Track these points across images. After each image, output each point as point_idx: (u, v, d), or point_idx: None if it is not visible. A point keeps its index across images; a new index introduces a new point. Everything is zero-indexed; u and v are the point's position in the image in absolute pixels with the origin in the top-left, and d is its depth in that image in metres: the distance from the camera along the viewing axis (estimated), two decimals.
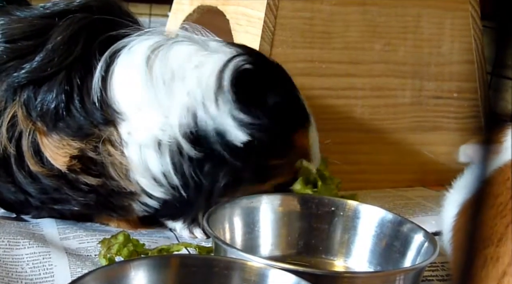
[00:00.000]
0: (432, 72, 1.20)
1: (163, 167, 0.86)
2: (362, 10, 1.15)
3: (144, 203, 0.89)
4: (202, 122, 0.85)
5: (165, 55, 0.87)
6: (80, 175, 0.87)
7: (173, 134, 0.85)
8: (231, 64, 0.87)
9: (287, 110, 0.90)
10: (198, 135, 0.85)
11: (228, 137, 0.85)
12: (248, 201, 0.87)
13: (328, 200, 0.89)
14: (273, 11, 1.09)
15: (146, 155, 0.86)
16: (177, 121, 0.85)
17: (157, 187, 0.87)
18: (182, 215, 0.92)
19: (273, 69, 0.94)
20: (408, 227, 0.83)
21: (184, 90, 0.86)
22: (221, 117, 0.85)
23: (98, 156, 0.86)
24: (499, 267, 0.62)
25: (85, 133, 0.86)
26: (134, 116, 0.86)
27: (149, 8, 2.06)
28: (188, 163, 0.85)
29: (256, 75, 0.89)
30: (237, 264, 0.70)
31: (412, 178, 1.20)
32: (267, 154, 0.89)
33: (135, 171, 0.86)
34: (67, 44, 0.88)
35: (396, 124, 1.19)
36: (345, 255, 0.87)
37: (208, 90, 0.85)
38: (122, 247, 0.81)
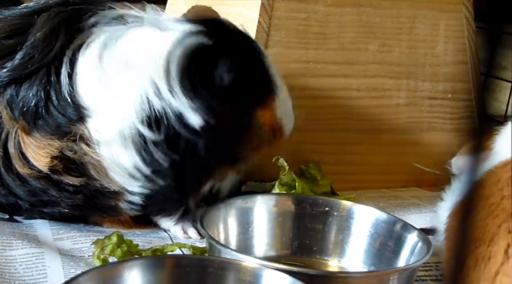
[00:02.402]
0: (427, 73, 1.20)
1: (132, 160, 0.84)
2: (357, 11, 1.15)
3: (129, 201, 0.88)
4: (156, 105, 0.83)
5: (115, 45, 0.86)
6: (63, 175, 0.86)
7: (131, 122, 0.83)
8: (180, 45, 0.84)
9: (242, 87, 0.86)
10: (156, 118, 0.83)
11: (186, 120, 0.83)
12: (242, 201, 0.87)
13: (322, 200, 0.89)
14: (268, 12, 1.09)
15: (115, 151, 0.84)
16: (133, 108, 0.83)
17: (134, 182, 0.86)
18: (169, 208, 0.91)
19: (232, 42, 0.89)
20: (402, 227, 0.83)
21: (135, 76, 0.84)
22: (175, 101, 0.83)
23: (76, 156, 0.85)
24: (492, 266, 0.62)
25: (63, 131, 0.85)
26: (97, 111, 0.85)
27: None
28: (153, 148, 0.84)
29: (208, 53, 0.85)
30: (232, 265, 0.70)
31: (406, 179, 1.21)
32: (228, 134, 0.86)
33: (109, 170, 0.85)
34: (47, 40, 0.87)
35: (391, 125, 1.19)
36: (339, 255, 0.87)
37: (158, 72, 0.83)
38: (116, 247, 0.81)
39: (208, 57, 0.85)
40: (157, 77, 0.83)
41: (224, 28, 0.90)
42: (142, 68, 0.84)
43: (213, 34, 0.86)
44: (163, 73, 0.83)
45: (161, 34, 0.86)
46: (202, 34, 0.86)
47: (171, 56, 0.84)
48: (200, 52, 0.85)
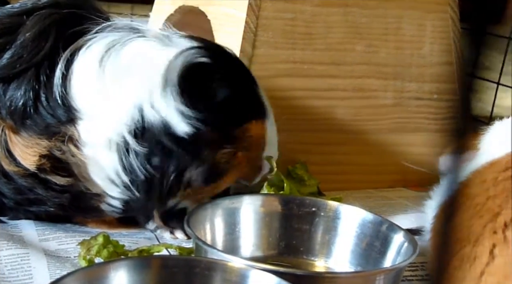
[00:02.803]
0: (413, 74, 1.21)
1: (114, 166, 0.84)
2: (344, 11, 1.16)
3: (109, 204, 0.88)
4: (148, 117, 0.83)
5: (118, 52, 0.86)
6: (50, 175, 0.86)
7: (120, 131, 0.83)
8: (181, 56, 0.85)
9: (236, 103, 0.88)
10: (144, 130, 0.83)
11: (173, 129, 0.83)
12: (229, 201, 0.87)
13: (309, 200, 0.89)
14: (255, 12, 1.09)
15: (99, 155, 0.85)
16: (124, 118, 0.83)
17: (114, 187, 0.86)
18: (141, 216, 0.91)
19: (229, 63, 0.91)
20: (388, 227, 0.84)
21: (132, 86, 0.85)
22: (166, 110, 0.83)
23: (64, 156, 0.85)
24: (477, 266, 0.63)
25: (52, 132, 0.85)
26: (89, 115, 0.85)
27: (131, 9, 2.05)
28: (135, 158, 0.84)
29: (207, 68, 0.86)
30: (218, 265, 0.70)
31: (393, 179, 1.21)
32: (215, 147, 0.86)
33: (92, 172, 0.86)
34: (37, 40, 0.87)
35: (377, 125, 1.20)
36: (326, 255, 0.87)
37: (155, 83, 0.84)
38: (102, 248, 0.81)
39: (205, 74, 0.86)
40: (154, 89, 0.84)
41: (220, 50, 0.92)
42: (142, 79, 0.85)
43: (210, 53, 0.88)
44: (161, 84, 0.84)
45: (164, 48, 0.87)
46: (201, 50, 0.87)
47: (170, 69, 0.85)
48: (199, 68, 0.86)
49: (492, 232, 0.63)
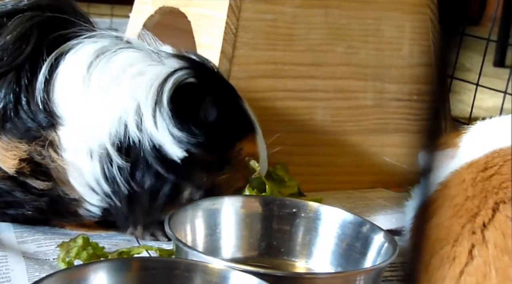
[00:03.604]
0: (393, 75, 1.22)
1: (95, 174, 0.85)
2: (325, 12, 1.16)
3: (88, 209, 0.88)
4: (133, 133, 0.83)
5: (107, 61, 0.86)
6: (29, 178, 0.85)
7: (102, 142, 0.83)
8: (172, 78, 0.86)
9: (228, 124, 0.89)
10: (128, 145, 0.83)
11: (165, 152, 0.84)
12: (210, 203, 0.87)
13: (289, 201, 0.89)
14: (235, 13, 1.09)
15: (80, 162, 0.85)
16: (108, 129, 0.84)
17: (93, 195, 0.86)
18: (122, 225, 0.91)
19: (216, 82, 0.92)
20: (368, 228, 0.84)
21: (118, 99, 0.85)
22: (158, 133, 0.83)
23: (44, 161, 0.85)
24: (456, 266, 0.63)
25: (32, 136, 0.84)
26: (71, 121, 0.85)
27: (111, 9, 2.04)
28: (118, 171, 0.84)
29: (196, 89, 0.87)
30: (198, 266, 0.69)
31: (373, 180, 1.22)
32: (207, 169, 0.88)
33: (71, 178, 0.86)
34: (17, 43, 0.86)
35: (358, 126, 1.20)
36: (307, 256, 0.87)
37: (144, 102, 0.84)
38: (81, 250, 0.80)
39: (195, 95, 0.87)
40: (144, 106, 0.84)
41: (205, 68, 0.92)
42: (129, 94, 0.85)
43: (199, 73, 0.88)
44: (152, 102, 0.84)
45: (153, 64, 0.87)
46: (190, 71, 0.87)
47: (164, 87, 0.85)
48: (189, 88, 0.86)
49: (471, 233, 0.63)
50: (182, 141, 0.84)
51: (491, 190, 0.65)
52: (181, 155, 0.84)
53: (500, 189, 0.65)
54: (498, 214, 0.63)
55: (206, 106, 0.87)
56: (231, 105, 0.92)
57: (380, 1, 1.20)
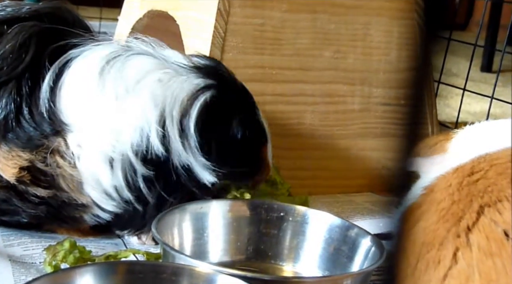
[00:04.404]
0: (380, 79, 1.22)
1: (115, 182, 0.84)
2: (313, 17, 1.16)
3: (96, 215, 0.88)
4: (155, 147, 0.83)
5: (121, 67, 0.85)
6: (30, 186, 0.85)
7: (124, 151, 0.83)
8: (199, 98, 0.85)
9: (249, 140, 0.90)
10: (151, 156, 0.84)
11: (196, 175, 0.86)
12: (197, 206, 0.87)
13: (277, 205, 0.89)
14: (224, 17, 1.09)
15: (97, 169, 0.84)
16: (129, 138, 0.83)
17: (109, 201, 0.86)
18: (132, 226, 0.91)
19: (239, 96, 0.92)
20: (355, 232, 0.84)
21: (138, 107, 0.84)
22: (186, 155, 0.84)
23: (48, 168, 0.84)
24: (441, 270, 0.63)
25: (35, 144, 0.84)
26: (85, 128, 0.84)
27: (99, 12, 2.04)
28: (141, 179, 0.84)
29: (219, 108, 0.87)
30: (185, 270, 0.69)
31: (360, 184, 1.22)
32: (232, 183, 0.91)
33: (86, 184, 0.85)
34: (17, 52, 0.86)
35: (345, 130, 1.21)
36: (294, 260, 0.87)
37: (169, 115, 0.84)
38: (68, 254, 0.80)
39: (220, 113, 0.87)
40: (169, 124, 0.84)
41: (230, 82, 0.92)
42: (148, 103, 0.84)
43: (224, 90, 0.88)
44: (178, 123, 0.84)
45: (172, 74, 0.86)
46: (217, 90, 0.87)
47: (191, 110, 0.85)
48: (217, 111, 0.87)
49: (456, 236, 0.64)
50: (211, 169, 0.86)
51: (477, 194, 0.66)
52: (212, 180, 0.86)
53: (486, 193, 0.65)
54: (483, 217, 0.63)
55: (233, 128, 0.88)
56: (253, 119, 0.92)
57: (368, 6, 1.20)
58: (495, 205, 0.64)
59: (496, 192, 0.65)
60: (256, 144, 0.93)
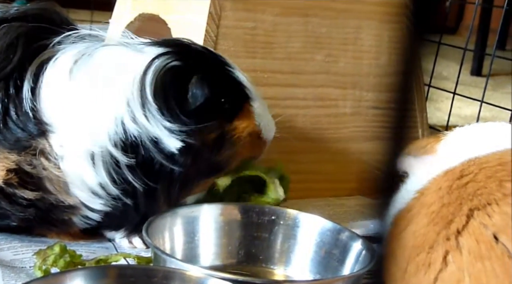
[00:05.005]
0: (371, 83, 1.23)
1: (99, 179, 0.84)
2: (304, 21, 1.17)
3: (85, 216, 0.88)
4: (131, 130, 0.83)
5: (87, 62, 0.85)
6: (18, 189, 0.85)
7: (103, 143, 0.83)
8: (152, 68, 0.84)
9: (218, 102, 0.87)
10: (130, 143, 0.83)
11: (162, 144, 0.83)
12: (188, 210, 0.87)
13: (268, 209, 0.89)
14: (215, 21, 1.09)
15: (80, 168, 0.84)
16: (105, 130, 0.83)
17: (96, 200, 0.85)
18: (126, 224, 0.90)
19: (201, 59, 0.90)
20: (347, 235, 0.84)
21: (109, 97, 0.84)
22: (151, 126, 0.83)
23: (34, 170, 0.84)
24: (431, 273, 0.64)
25: (22, 146, 0.84)
26: (64, 128, 0.84)
27: (90, 15, 2.04)
28: (124, 170, 0.84)
29: (179, 73, 0.85)
30: (176, 274, 0.69)
31: (352, 187, 1.22)
32: (208, 152, 0.87)
33: (71, 185, 0.85)
34: (5, 53, 0.86)
35: (337, 134, 1.21)
36: (285, 263, 0.87)
37: (132, 96, 0.83)
38: (58, 258, 0.80)
39: (179, 78, 0.85)
40: (132, 101, 0.83)
41: (189, 48, 0.90)
42: (116, 90, 0.84)
43: (180, 55, 0.87)
44: (138, 97, 0.83)
45: (133, 55, 0.86)
46: (171, 55, 0.86)
47: (145, 80, 0.84)
48: (172, 73, 0.85)
49: (446, 239, 0.64)
50: (176, 132, 0.83)
51: (466, 197, 0.66)
52: (178, 145, 0.83)
53: (475, 196, 0.65)
54: (472, 220, 0.64)
55: (193, 88, 0.85)
56: (221, 80, 0.89)
57: (359, 10, 1.21)
58: (484, 209, 0.64)
59: (485, 195, 0.65)
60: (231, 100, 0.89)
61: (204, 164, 0.87)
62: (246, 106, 0.91)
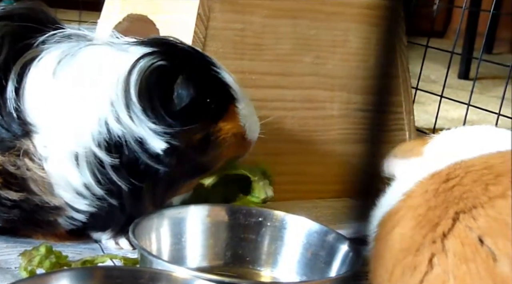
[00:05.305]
0: (359, 85, 1.23)
1: (83, 179, 0.84)
2: (293, 23, 1.17)
3: (70, 217, 0.87)
4: (115, 130, 0.82)
5: (70, 62, 0.85)
6: (1, 190, 0.84)
7: (87, 144, 0.83)
8: (136, 68, 0.84)
9: (201, 103, 0.87)
10: (114, 143, 0.83)
11: (147, 145, 0.83)
12: (175, 211, 0.87)
13: (255, 210, 0.89)
14: (204, 22, 1.09)
15: (64, 169, 0.84)
16: (89, 131, 0.83)
17: (81, 200, 0.85)
18: (112, 225, 0.90)
19: (187, 59, 0.89)
20: (333, 237, 0.85)
21: (93, 98, 0.84)
22: (136, 127, 0.82)
23: (18, 171, 0.84)
24: (417, 276, 0.64)
25: (6, 146, 0.83)
26: (47, 128, 0.84)
27: (78, 16, 2.03)
28: (109, 170, 0.83)
29: (164, 73, 0.85)
30: (163, 275, 0.69)
31: (339, 189, 1.22)
32: (192, 153, 0.87)
33: (56, 186, 0.84)
34: None
35: (325, 136, 1.21)
36: (272, 265, 0.87)
37: (116, 97, 0.83)
38: (44, 259, 0.79)
39: (164, 78, 0.85)
40: (116, 102, 0.83)
41: (175, 47, 0.90)
42: (100, 90, 0.84)
43: (166, 54, 0.86)
44: (122, 97, 0.83)
45: (117, 55, 0.86)
46: (156, 55, 0.86)
47: (130, 80, 0.83)
48: (157, 74, 0.85)
49: (431, 242, 0.64)
50: (160, 133, 0.83)
51: (452, 201, 0.66)
52: (163, 146, 0.83)
53: (461, 199, 0.66)
54: (458, 223, 0.64)
55: (178, 89, 0.85)
56: (207, 80, 0.89)
57: (347, 13, 1.21)
58: (470, 212, 0.64)
59: (471, 199, 0.65)
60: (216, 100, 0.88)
61: (189, 165, 0.87)
62: (232, 107, 0.91)
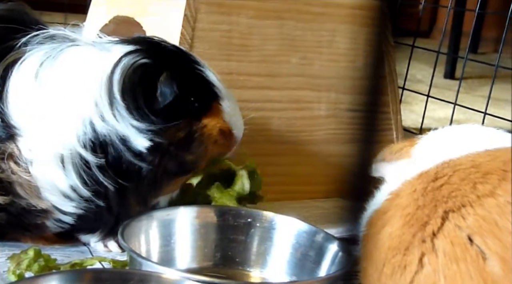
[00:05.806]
0: (346, 86, 1.23)
1: (70, 181, 0.83)
2: (279, 23, 1.17)
3: (58, 219, 0.87)
4: (100, 129, 0.82)
5: (53, 64, 0.85)
6: None
7: (72, 145, 0.82)
8: (119, 67, 0.84)
9: (185, 100, 0.87)
10: (99, 143, 0.83)
11: (130, 143, 0.83)
12: (164, 213, 0.87)
13: (244, 211, 0.89)
14: (191, 23, 1.09)
15: (50, 172, 0.83)
16: (74, 133, 0.82)
17: (68, 203, 0.85)
18: (101, 226, 0.90)
19: (169, 57, 0.89)
20: (323, 237, 0.85)
21: (76, 98, 0.83)
22: (119, 125, 0.82)
23: (3, 174, 0.83)
24: (407, 275, 0.64)
25: None
26: (32, 131, 0.83)
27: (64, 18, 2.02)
28: (95, 171, 0.83)
29: (147, 71, 0.85)
30: (152, 277, 0.69)
31: (328, 189, 1.23)
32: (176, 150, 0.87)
33: (42, 189, 0.84)
34: None
35: (312, 136, 1.22)
36: (261, 266, 0.87)
37: (100, 96, 0.83)
38: (32, 262, 0.79)
39: (148, 76, 0.85)
40: (100, 101, 0.83)
41: (158, 46, 0.90)
42: (84, 91, 0.83)
43: (149, 52, 0.86)
44: (106, 96, 0.83)
45: (100, 54, 0.86)
46: (139, 53, 0.86)
47: (113, 78, 0.83)
48: (140, 71, 0.85)
49: (421, 241, 0.65)
50: (144, 131, 0.83)
51: (441, 199, 0.67)
52: (146, 144, 0.83)
53: (450, 198, 0.66)
54: (447, 222, 0.64)
55: (161, 86, 0.85)
56: (190, 78, 0.89)
57: (334, 14, 1.22)
58: (459, 211, 0.65)
59: (459, 198, 0.66)
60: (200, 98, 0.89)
61: (173, 163, 0.87)
62: (215, 104, 0.91)
